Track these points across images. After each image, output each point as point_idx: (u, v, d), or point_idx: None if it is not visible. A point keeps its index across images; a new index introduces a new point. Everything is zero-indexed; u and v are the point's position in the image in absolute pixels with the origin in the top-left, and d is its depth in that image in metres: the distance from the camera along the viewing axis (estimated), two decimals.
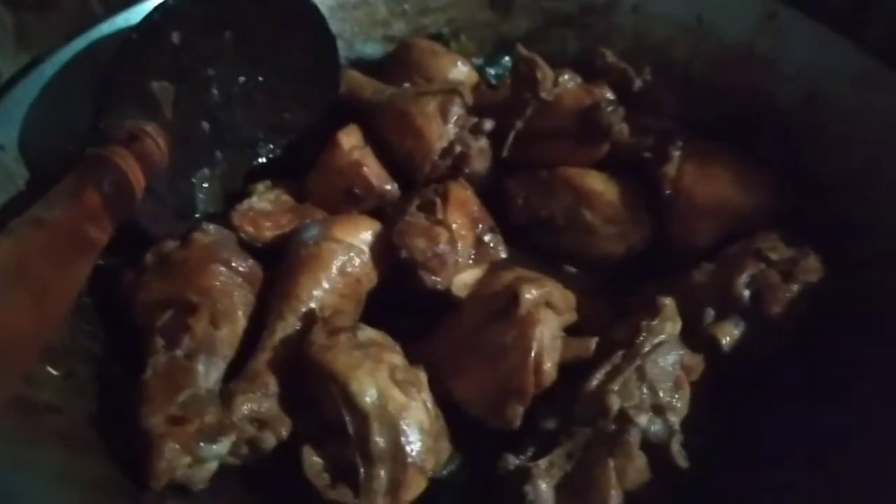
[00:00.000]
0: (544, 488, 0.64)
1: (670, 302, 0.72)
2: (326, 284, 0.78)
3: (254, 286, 0.80)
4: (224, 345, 0.74)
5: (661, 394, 0.68)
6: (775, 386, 0.74)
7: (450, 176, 0.90)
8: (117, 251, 0.76)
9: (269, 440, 0.70)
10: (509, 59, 1.09)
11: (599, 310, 0.80)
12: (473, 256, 0.84)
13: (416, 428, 0.66)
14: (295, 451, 0.67)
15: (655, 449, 0.67)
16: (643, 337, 0.69)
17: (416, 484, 0.65)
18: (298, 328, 0.75)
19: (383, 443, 0.65)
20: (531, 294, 0.71)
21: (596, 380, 0.68)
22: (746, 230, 0.81)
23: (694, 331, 0.74)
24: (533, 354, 0.69)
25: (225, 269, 0.78)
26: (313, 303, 0.76)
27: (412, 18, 1.14)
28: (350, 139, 0.91)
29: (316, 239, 0.80)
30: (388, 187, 0.90)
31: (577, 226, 0.88)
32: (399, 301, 0.82)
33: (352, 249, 0.80)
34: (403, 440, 0.65)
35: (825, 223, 0.82)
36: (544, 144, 0.91)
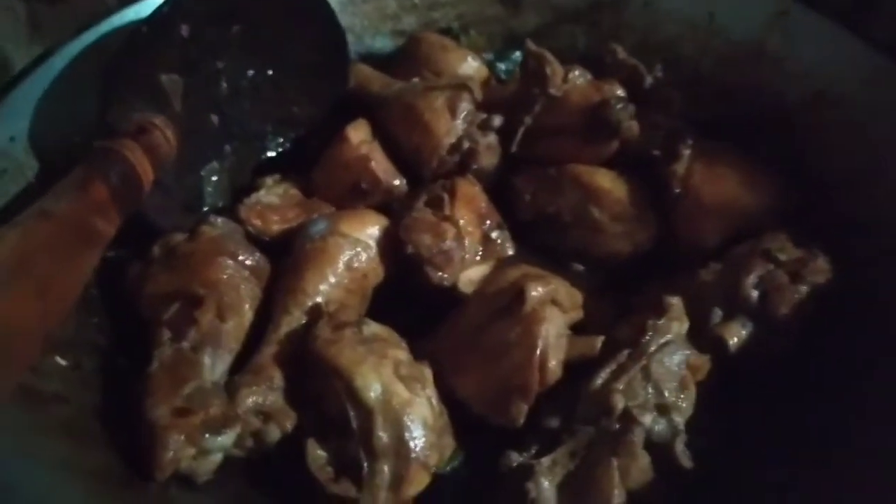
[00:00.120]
0: (546, 486, 0.64)
1: (677, 301, 0.72)
2: (333, 279, 0.78)
3: (261, 280, 0.80)
4: (230, 338, 0.74)
5: (667, 394, 0.68)
6: (777, 385, 0.74)
7: (457, 172, 0.89)
8: (124, 243, 0.77)
9: (274, 433, 0.70)
10: (519, 55, 1.08)
11: (605, 308, 0.80)
12: (480, 253, 0.84)
13: (420, 423, 0.66)
14: (299, 445, 0.67)
15: (659, 449, 0.66)
16: (649, 336, 0.69)
17: (419, 479, 0.65)
18: (304, 322, 0.75)
19: (387, 438, 0.65)
20: (537, 291, 0.71)
21: (601, 378, 0.68)
22: (753, 230, 0.80)
23: (701, 331, 0.74)
24: (538, 352, 0.68)
25: (232, 263, 0.78)
26: (319, 297, 0.76)
27: (422, 13, 1.14)
28: (358, 133, 0.91)
29: (323, 233, 0.80)
30: (396, 182, 0.90)
31: (585, 223, 0.87)
32: (405, 297, 0.82)
33: (358, 244, 0.80)
34: (407, 435, 0.65)
35: (830, 222, 0.81)
36: (553, 141, 0.91)
